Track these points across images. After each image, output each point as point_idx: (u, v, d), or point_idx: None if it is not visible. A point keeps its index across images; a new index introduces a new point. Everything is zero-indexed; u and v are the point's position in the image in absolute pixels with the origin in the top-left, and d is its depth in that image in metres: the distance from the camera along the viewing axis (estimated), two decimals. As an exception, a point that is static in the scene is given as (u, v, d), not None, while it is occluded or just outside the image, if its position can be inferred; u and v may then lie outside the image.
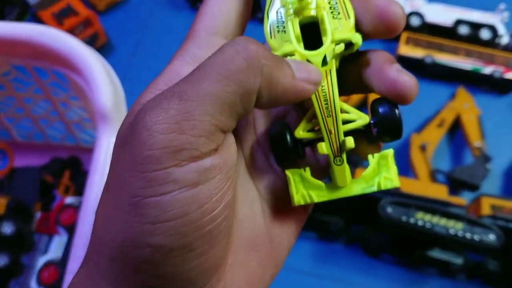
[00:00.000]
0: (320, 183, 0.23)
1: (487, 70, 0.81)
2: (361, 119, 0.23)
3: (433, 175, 0.70)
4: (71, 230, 0.64)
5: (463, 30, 0.84)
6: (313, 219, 0.68)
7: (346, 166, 0.23)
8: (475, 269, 0.67)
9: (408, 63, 0.84)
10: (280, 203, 0.24)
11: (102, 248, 0.19)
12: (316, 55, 0.22)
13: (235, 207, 0.21)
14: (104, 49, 0.88)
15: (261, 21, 0.92)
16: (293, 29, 0.22)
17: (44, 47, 0.51)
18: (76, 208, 0.65)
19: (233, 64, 0.18)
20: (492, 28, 0.83)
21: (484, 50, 0.82)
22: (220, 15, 0.22)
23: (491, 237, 0.60)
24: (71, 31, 0.80)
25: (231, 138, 0.20)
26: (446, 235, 0.60)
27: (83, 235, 0.45)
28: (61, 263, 0.61)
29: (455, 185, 0.72)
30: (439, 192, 0.65)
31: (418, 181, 0.68)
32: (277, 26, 0.22)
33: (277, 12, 0.23)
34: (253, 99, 0.19)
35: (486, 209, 0.64)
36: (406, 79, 0.21)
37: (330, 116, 0.22)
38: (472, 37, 0.83)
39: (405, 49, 0.83)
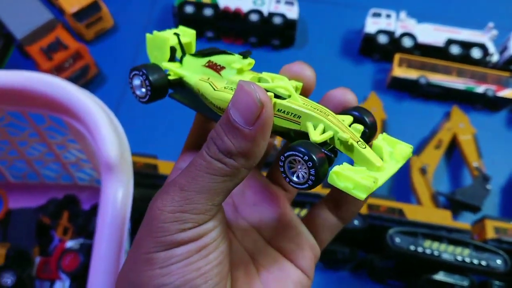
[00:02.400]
0: (365, 169, 0.23)
1: (480, 89, 0.82)
2: (349, 117, 0.25)
3: (435, 198, 0.71)
4: (73, 275, 0.62)
5: (455, 49, 0.85)
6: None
7: (370, 148, 0.24)
8: (480, 290, 0.67)
9: (402, 84, 0.84)
10: (265, 259, 0.30)
11: None
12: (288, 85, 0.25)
13: (229, 259, 0.26)
14: (95, 80, 0.86)
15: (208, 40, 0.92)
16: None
17: (43, 96, 0.50)
18: (77, 252, 0.63)
19: (211, 169, 0.24)
20: (483, 47, 0.84)
21: (476, 69, 0.83)
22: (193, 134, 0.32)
23: (498, 261, 0.61)
24: (61, 65, 0.79)
25: (221, 206, 0.26)
26: (454, 262, 0.61)
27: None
28: (66, 311, 0.59)
29: (456, 206, 0.72)
30: (444, 218, 0.66)
31: (422, 207, 0.68)
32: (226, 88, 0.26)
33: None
34: (239, 179, 0.24)
35: (490, 233, 0.64)
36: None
37: (329, 115, 0.24)
38: (463, 56, 0.85)
39: (399, 71, 0.83)
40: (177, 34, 0.29)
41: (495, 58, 0.85)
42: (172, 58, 0.29)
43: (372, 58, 0.90)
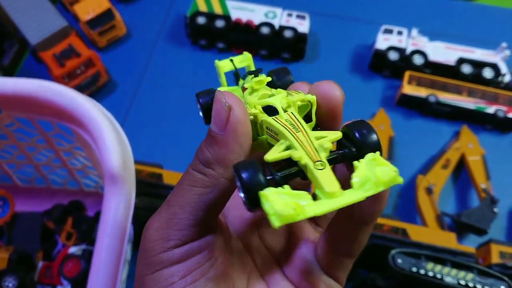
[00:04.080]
0: (306, 194, 0.19)
1: (491, 109, 0.81)
2: (335, 134, 0.22)
3: (440, 220, 0.70)
4: (74, 281, 0.63)
5: (466, 69, 0.84)
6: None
7: (331, 171, 0.20)
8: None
9: (411, 102, 0.84)
10: None
11: None
12: (276, 100, 0.24)
13: (227, 284, 0.25)
14: (105, 87, 0.87)
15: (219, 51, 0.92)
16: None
17: (51, 104, 0.50)
18: (79, 258, 0.64)
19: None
20: (495, 67, 0.83)
21: (487, 89, 0.83)
22: None
23: (502, 287, 0.60)
24: (73, 72, 0.80)
25: (217, 229, 0.25)
26: (457, 286, 0.60)
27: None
28: (65, 317, 0.60)
29: (462, 228, 0.71)
30: (448, 240, 0.65)
31: (426, 228, 0.67)
32: None
33: None
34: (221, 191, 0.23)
35: (495, 257, 0.63)
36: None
37: (299, 132, 0.22)
38: (475, 76, 0.84)
39: (409, 88, 0.83)
40: (231, 60, 0.30)
41: (507, 78, 0.84)
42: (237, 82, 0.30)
43: (382, 74, 0.89)
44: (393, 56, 0.86)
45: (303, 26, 0.87)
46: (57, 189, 0.74)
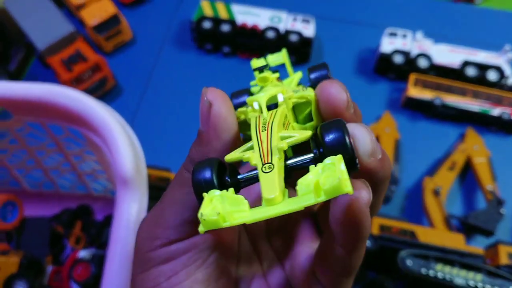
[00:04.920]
0: (244, 201, 0.18)
1: (496, 111, 0.81)
2: (304, 134, 0.20)
3: (448, 221, 0.70)
4: (83, 285, 0.63)
5: (471, 71, 0.84)
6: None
7: (278, 175, 0.18)
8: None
9: (417, 105, 0.84)
10: None
11: None
12: (261, 98, 0.23)
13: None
14: (112, 91, 0.87)
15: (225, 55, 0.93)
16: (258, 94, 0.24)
17: (63, 108, 0.51)
18: (88, 262, 0.64)
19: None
20: (499, 69, 0.84)
21: (492, 91, 0.83)
22: None
23: (511, 288, 0.60)
24: (80, 76, 0.80)
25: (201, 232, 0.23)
26: (466, 287, 0.60)
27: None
28: (76, 321, 0.60)
29: (469, 230, 0.72)
30: (456, 241, 0.65)
31: (434, 230, 0.68)
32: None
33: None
34: None
35: (504, 258, 0.63)
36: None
37: (265, 131, 0.20)
38: (479, 78, 0.84)
39: (414, 91, 0.83)
40: (265, 59, 0.30)
41: (511, 80, 0.84)
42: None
43: (387, 77, 0.90)
44: (398, 59, 0.86)
45: (308, 30, 0.88)
46: (65, 193, 0.75)
